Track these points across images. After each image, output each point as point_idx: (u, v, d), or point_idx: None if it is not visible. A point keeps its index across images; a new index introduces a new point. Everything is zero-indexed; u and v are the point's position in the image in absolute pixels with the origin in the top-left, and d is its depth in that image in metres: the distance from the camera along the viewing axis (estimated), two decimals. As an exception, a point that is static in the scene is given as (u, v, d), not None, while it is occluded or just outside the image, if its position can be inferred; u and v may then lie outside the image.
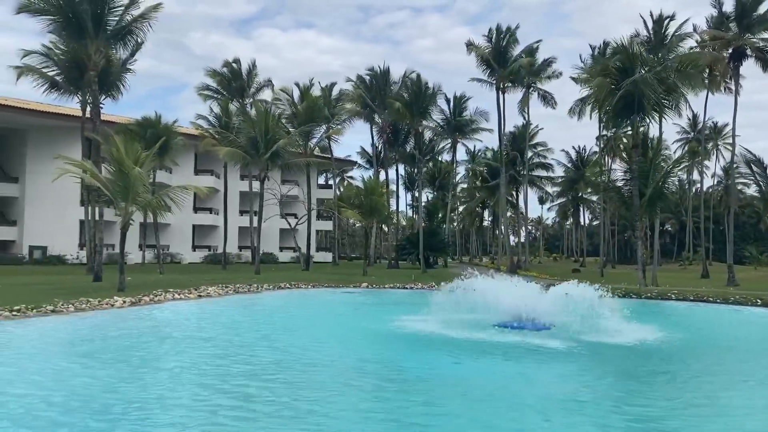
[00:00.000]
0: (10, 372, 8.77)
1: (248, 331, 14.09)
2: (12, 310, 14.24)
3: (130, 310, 16.26)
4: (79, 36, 27.36)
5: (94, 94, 28.80)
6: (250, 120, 38.29)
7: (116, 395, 7.55)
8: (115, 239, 38.12)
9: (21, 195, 44.14)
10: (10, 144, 45.48)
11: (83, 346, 11.33)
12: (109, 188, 21.37)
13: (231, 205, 48.42)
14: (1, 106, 40.26)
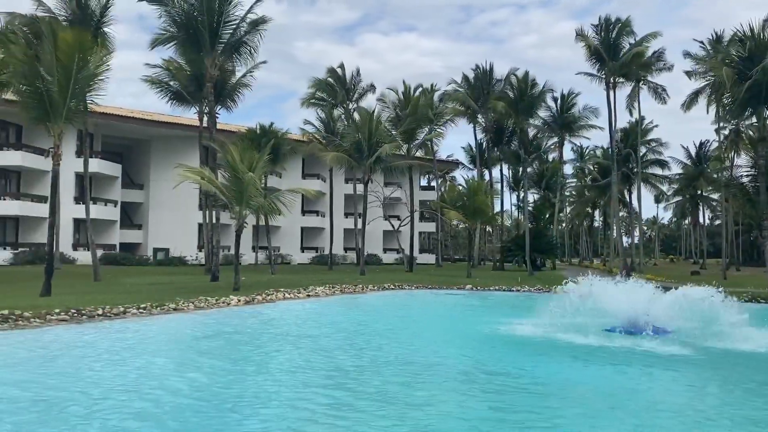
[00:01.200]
0: (137, 366, 9.45)
1: (355, 330, 14.35)
2: (139, 308, 15.36)
3: (245, 309, 17.06)
4: (196, 49, 29.12)
5: (211, 104, 30.54)
6: (354, 124, 39.09)
7: (230, 390, 7.92)
8: (230, 241, 40.17)
9: (146, 200, 47.55)
10: (136, 153, 49.14)
11: (201, 343, 12.01)
12: (225, 193, 22.55)
13: (336, 208, 49.64)
14: (128, 118, 43.57)
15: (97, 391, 7.65)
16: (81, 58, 18.16)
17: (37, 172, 39.35)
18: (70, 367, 9.34)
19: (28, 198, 38.90)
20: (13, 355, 10.10)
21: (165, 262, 43.83)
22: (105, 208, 42.63)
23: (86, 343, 11.41)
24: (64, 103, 18.70)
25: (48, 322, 13.10)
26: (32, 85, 18.56)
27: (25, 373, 8.67)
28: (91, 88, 19.70)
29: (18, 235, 40.01)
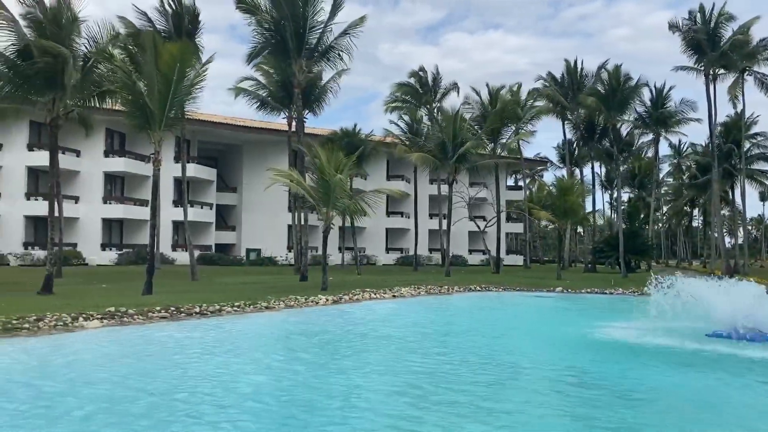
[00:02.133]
0: (231, 363, 9.83)
1: (441, 331, 14.29)
2: (234, 306, 15.99)
3: (333, 308, 17.39)
4: (284, 56, 30.01)
5: (299, 109, 31.36)
6: (438, 125, 38.97)
7: (319, 388, 8.08)
8: (318, 242, 41.15)
9: (239, 203, 49.48)
10: (230, 158, 51.23)
11: (293, 340, 12.35)
12: (313, 195, 23.09)
13: (421, 209, 49.69)
14: (222, 124, 45.50)
15: (197, 385, 8.03)
16: (180, 68, 19.12)
17: (139, 177, 41.80)
18: (172, 362, 9.85)
19: (132, 202, 41.39)
20: (121, 350, 10.77)
21: (257, 262, 45.40)
22: (201, 211, 44.68)
23: (186, 340, 11.99)
24: (164, 112, 19.77)
25: (150, 319, 13.86)
26: (135, 94, 19.74)
27: (132, 367, 9.22)
28: (188, 97, 20.72)
29: (122, 237, 42.66)
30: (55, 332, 11.82)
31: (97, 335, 11.95)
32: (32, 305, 14.85)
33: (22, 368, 9.18)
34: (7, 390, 7.68)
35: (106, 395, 7.49)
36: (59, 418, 6.53)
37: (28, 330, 11.76)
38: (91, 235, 39.74)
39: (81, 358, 10.20)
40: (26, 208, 37.99)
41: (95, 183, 40.40)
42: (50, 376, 8.75)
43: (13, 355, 10.04)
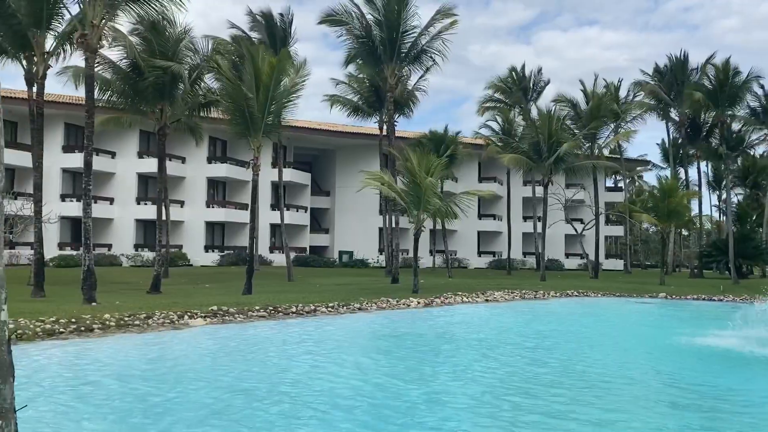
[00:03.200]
0: (325, 361, 9.99)
1: (536, 337, 13.89)
2: (328, 306, 16.32)
3: (424, 311, 17.36)
4: (375, 61, 30.37)
5: (390, 113, 31.62)
6: (532, 125, 38.07)
7: (409, 390, 8.05)
8: (409, 245, 41.24)
9: (332, 206, 50.53)
10: (323, 163, 52.44)
11: (384, 342, 12.43)
12: (404, 198, 23.17)
13: (514, 211, 48.69)
14: (316, 130, 46.64)
15: (291, 381, 8.23)
16: (277, 77, 19.80)
17: (239, 182, 43.58)
18: (270, 359, 10.17)
19: (232, 205, 43.20)
20: (223, 347, 11.24)
21: (349, 264, 46.15)
22: (297, 214, 45.96)
23: (283, 338, 12.37)
24: (263, 119, 20.53)
25: (250, 318, 14.41)
26: (236, 103, 20.61)
27: (233, 364, 9.59)
28: (286, 105, 21.40)
29: (224, 239, 44.62)
30: (163, 329, 12.52)
31: (201, 332, 12.55)
32: (142, 303, 15.80)
33: (134, 362, 9.76)
34: (126, 379, 8.21)
35: (208, 388, 7.82)
36: (162, 406, 6.88)
37: (139, 326, 12.52)
38: (195, 238, 41.84)
39: (186, 354, 10.73)
40: (137, 212, 40.54)
41: (199, 188, 42.51)
42: (157, 369, 9.25)
43: (126, 349, 10.72)
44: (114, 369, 9.03)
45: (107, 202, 39.57)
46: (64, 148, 38.81)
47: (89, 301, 16.33)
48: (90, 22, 16.18)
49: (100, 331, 11.86)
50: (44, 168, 20.43)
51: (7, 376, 3.16)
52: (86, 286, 16.78)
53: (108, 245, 39.05)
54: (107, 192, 39.85)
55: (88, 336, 11.46)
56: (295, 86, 21.14)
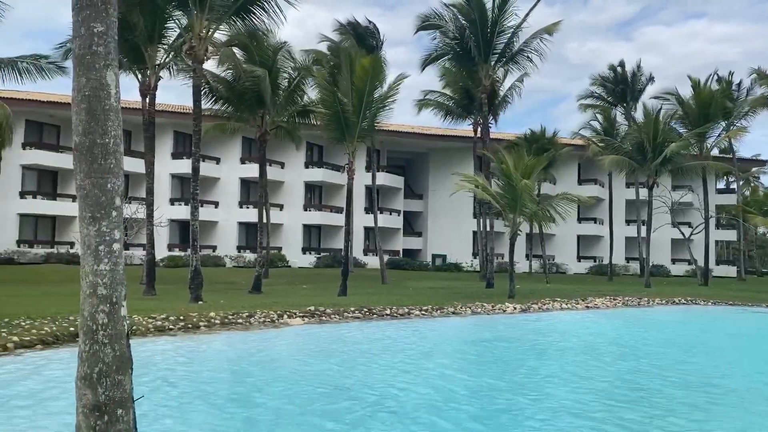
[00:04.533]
0: (419, 364, 9.96)
1: (641, 346, 13.20)
2: (422, 310, 16.31)
3: (521, 316, 16.97)
4: (469, 62, 30.08)
5: (484, 115, 31.21)
6: (635, 124, 36.37)
7: (505, 395, 7.86)
8: (504, 249, 40.53)
9: (425, 209, 50.53)
10: (416, 166, 52.58)
11: (478, 346, 12.24)
12: (499, 200, 22.78)
13: (616, 215, 46.66)
14: (409, 134, 46.84)
15: (385, 382, 8.26)
16: (371, 82, 20.05)
17: (334, 186, 44.53)
18: (365, 359, 10.28)
19: (328, 209, 44.21)
20: (321, 346, 11.50)
21: (443, 267, 45.95)
22: (390, 217, 46.35)
23: (378, 339, 12.49)
24: (358, 124, 20.86)
25: (345, 318, 14.65)
26: (332, 109, 21.06)
27: (330, 362, 9.77)
28: (381, 110, 21.64)
29: (320, 242, 45.72)
30: (264, 327, 12.97)
31: (300, 331, 12.90)
32: (245, 303, 16.44)
33: (240, 358, 10.18)
34: (234, 373, 8.59)
35: (305, 384, 8.01)
36: (262, 397, 7.10)
37: (242, 324, 13.04)
38: (293, 240, 43.16)
39: (286, 351, 11.07)
40: (239, 215, 42.36)
41: (297, 192, 43.82)
42: (260, 365, 9.59)
43: (233, 345, 11.21)
44: (222, 364, 9.46)
45: (212, 205, 41.56)
46: (173, 155, 41.14)
47: (196, 300, 17.18)
48: (197, 35, 17.08)
49: (206, 329, 12.43)
50: (155, 174, 21.76)
51: (127, 368, 3.36)
52: (193, 286, 17.67)
53: (213, 246, 41.01)
54: (212, 196, 41.87)
55: (194, 333, 12.05)
56: (391, 90, 21.30)
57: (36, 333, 10.31)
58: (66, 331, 10.72)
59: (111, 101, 3.51)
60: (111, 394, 3.30)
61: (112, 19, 3.52)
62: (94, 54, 3.45)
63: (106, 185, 3.48)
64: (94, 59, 3.46)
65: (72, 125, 3.58)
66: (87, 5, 3.45)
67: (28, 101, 35.80)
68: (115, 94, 3.55)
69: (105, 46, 3.49)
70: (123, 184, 3.61)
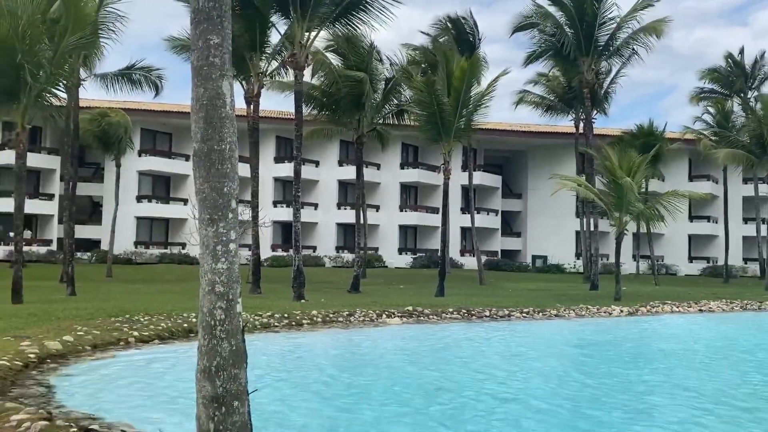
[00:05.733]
0: (521, 366, 9.78)
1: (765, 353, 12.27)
2: (522, 312, 16.00)
3: (628, 320, 16.26)
4: (570, 58, 29.17)
5: (587, 110, 30.15)
6: (754, 116, 33.88)
7: (608, 402, 7.55)
8: (609, 249, 38.93)
9: (524, 209, 49.47)
10: (514, 164, 51.59)
11: (583, 349, 11.85)
12: (603, 199, 21.94)
13: (732, 213, 43.58)
14: (507, 131, 46.06)
15: (485, 381, 8.19)
16: (468, 81, 19.93)
17: (430, 187, 44.56)
18: (465, 359, 10.27)
19: (424, 209, 44.30)
20: (421, 345, 11.60)
21: (543, 269, 44.80)
22: (487, 217, 45.76)
23: (479, 340, 12.45)
24: (454, 123, 20.79)
25: (443, 319, 14.64)
26: (428, 109, 21.11)
27: (431, 361, 9.82)
28: (478, 108, 21.46)
29: (416, 242, 45.89)
30: (363, 326, 13.22)
31: (399, 330, 13.05)
32: (344, 301, 16.81)
33: (345, 354, 10.48)
34: (340, 367, 8.85)
35: (408, 381, 8.11)
36: (367, 394, 7.23)
37: (342, 323, 13.34)
38: (389, 240, 43.61)
39: (390, 349, 11.27)
40: (337, 216, 43.36)
41: (393, 193, 44.25)
42: (368, 362, 9.83)
43: (339, 342, 11.55)
44: (330, 360, 9.81)
45: (312, 207, 42.75)
46: (275, 159, 42.68)
47: (299, 299, 17.76)
48: (298, 42, 17.66)
49: (309, 326, 12.82)
50: (259, 177, 22.68)
51: (242, 361, 3.54)
52: (296, 285, 18.28)
53: (313, 247, 42.17)
54: (312, 198, 43.07)
55: (298, 330, 12.46)
56: (489, 89, 21.07)
57: (153, 329, 11.02)
58: (180, 327, 11.39)
59: (226, 109, 3.71)
60: (228, 387, 3.48)
61: (226, 32, 3.73)
62: (211, 65, 3.67)
63: (222, 189, 3.69)
64: (211, 70, 3.67)
65: (191, 133, 3.82)
66: (204, 19, 3.67)
67: (143, 111, 38.28)
68: (230, 102, 3.75)
69: (220, 57, 3.70)
70: (238, 187, 3.80)
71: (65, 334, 9.64)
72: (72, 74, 19.92)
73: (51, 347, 8.83)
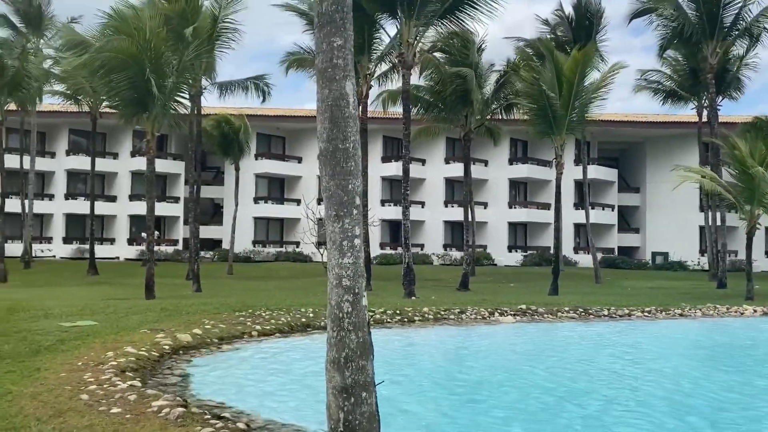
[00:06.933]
0: (649, 368, 9.32)
1: None
2: (644, 311, 15.22)
3: (763, 320, 15.07)
4: (691, 41, 27.36)
5: (711, 97, 28.17)
6: None
7: (746, 410, 7.02)
8: (737, 245, 36.18)
9: (642, 203, 46.98)
10: (631, 157, 49.12)
11: (714, 352, 11.14)
12: (731, 192, 20.45)
13: None
14: (623, 122, 43.95)
15: (606, 382, 7.88)
16: (581, 72, 19.24)
17: (540, 182, 43.44)
18: (588, 359, 9.98)
19: (534, 205, 43.26)
20: (541, 342, 11.40)
21: (664, 266, 42.37)
22: (602, 213, 43.94)
23: (601, 340, 12.06)
24: (566, 116, 20.13)
25: (559, 318, 14.23)
26: (538, 102, 20.59)
27: (552, 360, 9.61)
28: (594, 100, 20.67)
29: (526, 239, 44.90)
30: (476, 324, 13.13)
31: (514, 329, 12.87)
32: (454, 299, 16.77)
33: (462, 350, 10.51)
34: (463, 364, 8.90)
35: (535, 380, 8.01)
36: (485, 391, 7.18)
37: (454, 320, 13.32)
38: (498, 238, 42.98)
39: (507, 346, 11.17)
40: (444, 214, 43.32)
41: (501, 189, 43.56)
42: (484, 359, 9.78)
43: (455, 338, 11.59)
44: (448, 356, 9.92)
45: (419, 205, 42.97)
46: (382, 159, 43.29)
47: (409, 296, 17.91)
48: (406, 41, 17.80)
49: (420, 323, 12.91)
50: (368, 176, 23.07)
51: (369, 353, 3.63)
52: (406, 282, 18.45)
53: (420, 245, 42.39)
54: (419, 196, 43.28)
55: (410, 326, 12.58)
56: (605, 80, 20.22)
57: (274, 323, 11.53)
58: (298, 322, 11.85)
59: (350, 109, 3.83)
60: (356, 378, 3.59)
61: (348, 33, 3.84)
62: (335, 66, 3.79)
63: (347, 186, 3.80)
64: (335, 71, 3.80)
65: (316, 133, 3.97)
66: (327, 22, 3.80)
67: (258, 116, 40.11)
68: (353, 102, 3.86)
69: (344, 58, 3.82)
70: (362, 184, 3.91)
71: (194, 327, 10.32)
72: (195, 83, 21.23)
73: (182, 339, 9.48)
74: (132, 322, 10.51)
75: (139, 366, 7.70)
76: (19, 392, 6.17)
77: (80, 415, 5.50)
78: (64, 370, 7.07)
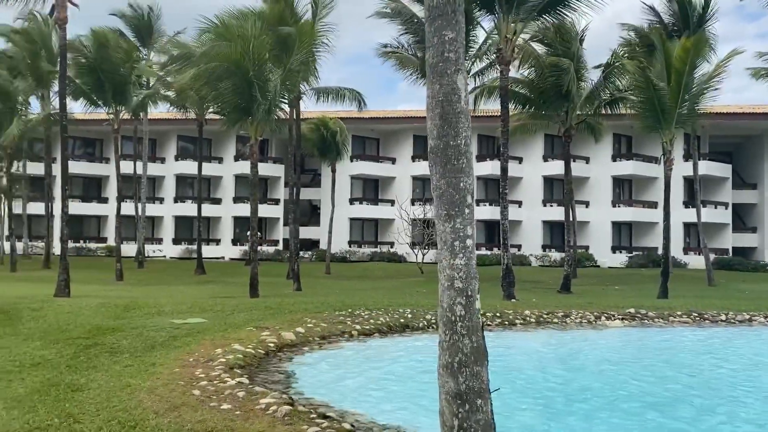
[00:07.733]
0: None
1: None
2: (766, 316, 14.06)
3: None
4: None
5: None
6: None
7: None
8: None
9: (760, 201, 43.59)
10: (747, 151, 45.69)
11: None
12: None
13: None
14: (737, 114, 40.98)
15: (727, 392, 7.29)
16: (692, 63, 18.08)
17: (645, 179, 41.32)
18: (721, 364, 9.40)
19: (640, 204, 41.19)
20: (656, 349, 10.83)
21: (786, 268, 39.13)
22: (715, 211, 41.20)
23: (718, 346, 11.25)
24: (675, 109, 18.97)
25: (671, 323, 13.40)
26: (645, 95, 19.52)
27: (673, 367, 9.09)
28: (706, 91, 19.41)
29: (631, 240, 42.82)
30: (581, 328, 12.60)
31: (624, 333, 12.26)
32: (556, 302, 16.17)
33: (574, 355, 10.16)
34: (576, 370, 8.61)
35: (655, 389, 7.58)
36: (615, 396, 6.82)
37: (557, 324, 12.84)
38: (601, 238, 41.22)
39: (619, 351, 10.69)
40: (543, 213, 42.06)
41: (604, 187, 41.76)
42: (596, 365, 9.38)
43: (564, 343, 11.20)
44: (561, 361, 9.63)
45: (516, 205, 42.02)
46: (477, 158, 42.66)
47: (509, 298, 17.48)
48: (504, 37, 17.39)
49: (522, 326, 12.54)
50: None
51: (483, 359, 3.47)
52: (505, 283, 18.02)
53: (518, 245, 41.43)
54: (516, 196, 42.33)
55: (511, 330, 12.24)
56: (718, 69, 18.90)
57: (373, 323, 11.56)
58: (397, 322, 11.83)
59: (461, 104, 3.68)
60: (470, 384, 3.44)
61: (460, 26, 3.69)
62: (446, 60, 3.66)
63: (459, 184, 3.66)
64: (446, 66, 3.66)
65: (427, 130, 3.85)
66: (439, 15, 3.68)
67: (353, 119, 40.69)
68: (464, 97, 3.71)
69: (455, 52, 3.67)
70: (474, 182, 3.76)
71: (297, 325, 10.52)
72: (295, 88, 21.78)
73: (286, 337, 9.68)
74: (238, 319, 10.85)
75: (246, 363, 7.92)
76: (138, 385, 6.48)
77: (193, 409, 5.68)
78: (177, 366, 7.37)
